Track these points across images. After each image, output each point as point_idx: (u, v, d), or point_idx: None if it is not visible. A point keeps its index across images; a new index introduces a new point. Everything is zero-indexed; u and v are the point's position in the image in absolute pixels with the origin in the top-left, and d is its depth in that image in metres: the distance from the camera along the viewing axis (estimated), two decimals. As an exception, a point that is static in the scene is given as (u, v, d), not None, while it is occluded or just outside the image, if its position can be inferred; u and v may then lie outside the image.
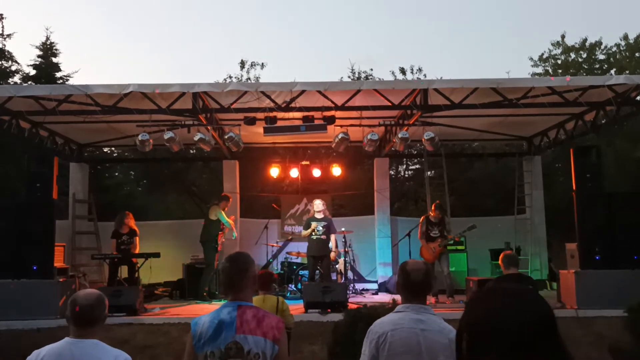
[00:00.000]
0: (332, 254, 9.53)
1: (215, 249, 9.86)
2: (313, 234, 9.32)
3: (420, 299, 2.76)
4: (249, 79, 19.75)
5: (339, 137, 9.34)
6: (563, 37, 22.40)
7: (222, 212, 9.93)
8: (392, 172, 17.99)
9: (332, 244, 9.44)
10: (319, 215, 9.49)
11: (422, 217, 9.64)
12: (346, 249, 10.28)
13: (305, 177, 12.90)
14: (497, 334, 1.20)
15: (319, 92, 8.40)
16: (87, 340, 2.63)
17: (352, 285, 10.51)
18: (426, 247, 9.30)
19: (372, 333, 2.70)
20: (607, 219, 8.46)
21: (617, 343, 6.23)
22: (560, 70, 21.73)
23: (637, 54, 20.83)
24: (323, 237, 9.32)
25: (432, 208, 9.54)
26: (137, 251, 9.51)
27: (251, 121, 9.10)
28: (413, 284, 2.75)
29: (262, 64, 20.31)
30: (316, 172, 12.51)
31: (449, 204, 11.86)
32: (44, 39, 17.17)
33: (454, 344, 2.62)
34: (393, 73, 20.24)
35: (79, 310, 2.63)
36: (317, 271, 9.43)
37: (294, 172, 12.59)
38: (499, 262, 5.57)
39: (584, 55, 21.92)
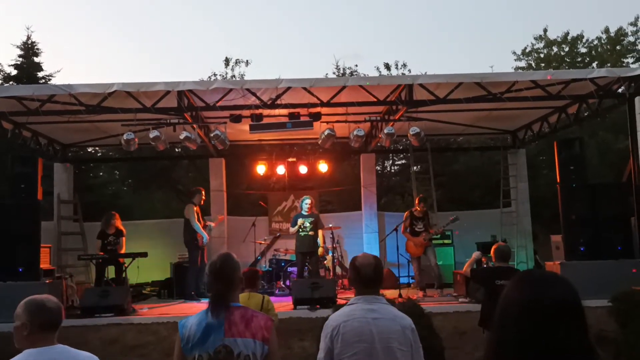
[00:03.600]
0: (320, 250, 9.55)
1: (197, 246, 9.71)
2: (301, 230, 9.33)
3: (372, 291, 2.86)
4: (234, 76, 19.70)
5: (325, 133, 9.34)
6: (545, 30, 22.57)
7: (194, 214, 9.67)
8: (378, 168, 18.04)
9: (319, 240, 9.45)
10: (306, 211, 9.50)
11: (406, 212, 9.71)
12: (334, 245, 10.30)
13: (292, 174, 12.88)
14: (568, 307, 1.48)
15: (305, 88, 8.38)
16: (58, 346, 2.38)
17: (340, 281, 10.54)
18: (411, 241, 9.37)
19: (327, 327, 2.79)
20: (591, 210, 8.55)
21: (602, 332, 6.34)
22: (543, 64, 21.88)
23: (617, 47, 21.04)
24: (311, 233, 9.34)
25: (416, 202, 9.61)
26: (123, 252, 9.45)
27: (237, 119, 9.08)
28: (363, 278, 2.86)
29: (247, 61, 20.41)
30: (303, 169, 12.50)
31: (435, 198, 11.93)
32: (25, 38, 16.97)
33: (408, 330, 2.76)
34: (378, 69, 20.27)
35: (53, 314, 2.41)
36: (306, 267, 9.45)
37: (281, 169, 12.58)
38: (491, 253, 5.64)
39: (566, 49, 22.08)
